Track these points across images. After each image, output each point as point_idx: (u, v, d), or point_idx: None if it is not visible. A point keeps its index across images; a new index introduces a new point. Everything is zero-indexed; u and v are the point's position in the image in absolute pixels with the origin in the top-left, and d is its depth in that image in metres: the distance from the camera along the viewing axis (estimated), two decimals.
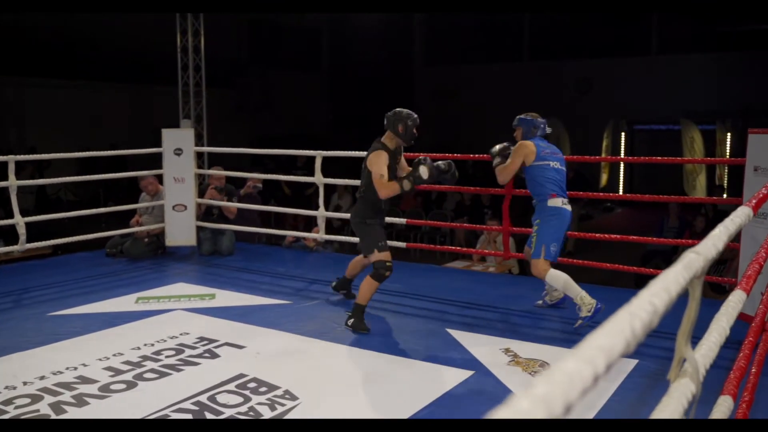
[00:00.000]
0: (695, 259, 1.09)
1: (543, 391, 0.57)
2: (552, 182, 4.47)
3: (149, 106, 15.92)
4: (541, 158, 4.50)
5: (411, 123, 4.50)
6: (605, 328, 0.73)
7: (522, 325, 4.60)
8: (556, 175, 4.50)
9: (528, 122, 4.63)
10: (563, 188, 4.50)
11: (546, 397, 0.56)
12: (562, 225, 4.46)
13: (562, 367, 0.62)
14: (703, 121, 14.77)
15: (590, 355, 0.65)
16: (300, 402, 3.33)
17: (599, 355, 0.65)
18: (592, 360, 0.64)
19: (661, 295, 0.85)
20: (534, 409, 0.54)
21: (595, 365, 0.64)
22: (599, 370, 0.64)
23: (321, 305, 5.14)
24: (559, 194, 4.45)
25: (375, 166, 4.45)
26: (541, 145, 4.55)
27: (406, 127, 4.49)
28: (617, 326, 0.72)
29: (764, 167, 4.15)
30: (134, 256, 6.67)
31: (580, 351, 0.67)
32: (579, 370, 0.62)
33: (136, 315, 4.83)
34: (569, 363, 0.63)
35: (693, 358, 1.15)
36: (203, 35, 10.23)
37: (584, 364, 0.63)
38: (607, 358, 0.66)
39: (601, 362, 0.65)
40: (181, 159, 6.78)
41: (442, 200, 12.54)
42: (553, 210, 4.45)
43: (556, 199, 4.44)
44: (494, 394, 3.46)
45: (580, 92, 16.36)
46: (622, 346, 0.70)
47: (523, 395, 0.57)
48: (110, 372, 3.74)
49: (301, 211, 7.47)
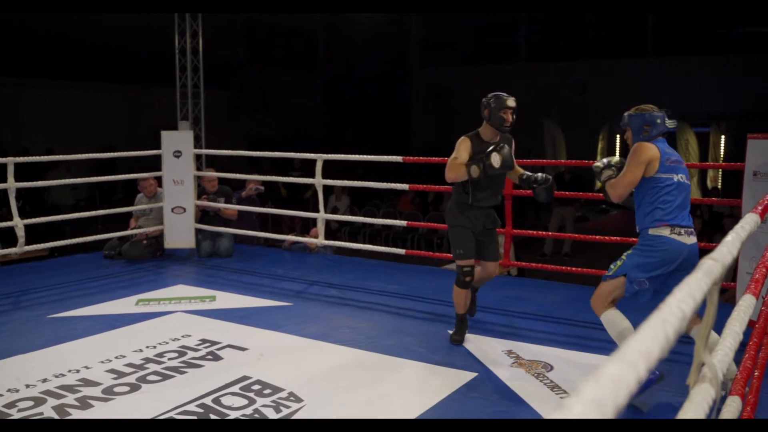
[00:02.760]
0: (714, 266, 1.11)
1: (593, 395, 0.59)
2: (665, 206, 3.28)
3: (146, 107, 15.90)
4: (666, 169, 3.31)
5: (495, 105, 4.02)
6: (642, 333, 0.74)
7: (523, 327, 4.62)
8: (676, 195, 3.31)
9: (639, 118, 3.41)
10: (681, 212, 3.31)
11: (598, 401, 0.58)
12: (662, 259, 3.28)
13: (607, 372, 0.64)
14: (698, 124, 14.84)
15: (632, 359, 0.67)
16: (305, 404, 3.34)
17: (640, 360, 0.67)
18: (635, 364, 0.66)
19: (688, 300, 0.87)
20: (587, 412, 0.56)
21: (637, 369, 0.65)
22: (641, 373, 0.66)
23: (323, 307, 5.15)
24: (669, 222, 3.27)
25: (454, 152, 4.05)
26: (667, 152, 3.36)
27: (491, 110, 4.03)
28: (652, 332, 0.74)
29: (763, 172, 4.19)
30: (133, 258, 6.66)
31: (622, 356, 0.68)
32: (623, 374, 0.64)
33: (137, 317, 4.83)
34: (613, 367, 0.65)
35: (712, 363, 1.17)
36: (201, 36, 10.24)
37: (627, 368, 0.65)
38: (647, 362, 0.68)
39: (642, 366, 0.67)
40: (181, 161, 6.78)
41: (439, 201, 12.57)
42: (652, 239, 3.30)
43: (662, 228, 3.28)
44: (499, 395, 3.48)
45: (576, 94, 16.41)
46: (659, 350, 0.71)
47: (575, 400, 0.58)
48: (113, 374, 3.74)
49: (300, 213, 7.48)
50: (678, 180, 3.31)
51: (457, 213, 4.13)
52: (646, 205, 3.33)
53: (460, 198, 4.11)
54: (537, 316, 4.84)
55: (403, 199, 12.45)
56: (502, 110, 4.00)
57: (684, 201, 3.33)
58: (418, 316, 4.94)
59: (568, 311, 4.84)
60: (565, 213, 11.25)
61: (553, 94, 16.28)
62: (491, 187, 4.11)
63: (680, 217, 3.29)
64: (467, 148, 4.04)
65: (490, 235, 4.24)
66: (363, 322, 4.75)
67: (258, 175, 8.88)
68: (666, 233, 3.27)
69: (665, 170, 3.30)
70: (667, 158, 3.32)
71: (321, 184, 6.15)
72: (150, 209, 6.88)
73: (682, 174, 3.35)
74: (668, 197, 3.28)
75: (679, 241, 3.27)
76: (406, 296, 5.41)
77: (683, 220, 3.30)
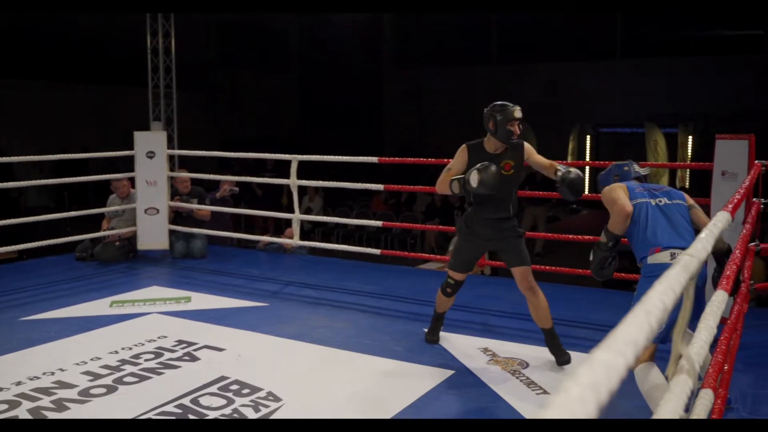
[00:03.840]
0: (690, 261, 1.15)
1: (588, 380, 0.62)
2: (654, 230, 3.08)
3: (117, 107, 15.72)
4: (637, 195, 3.20)
5: (502, 118, 3.74)
6: (627, 324, 0.78)
7: (498, 324, 4.67)
8: (660, 217, 3.12)
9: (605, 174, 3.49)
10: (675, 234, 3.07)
11: (592, 385, 0.61)
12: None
13: (599, 359, 0.67)
14: (666, 125, 15.09)
15: (620, 348, 0.70)
16: (284, 403, 3.35)
17: (628, 348, 0.71)
18: (623, 352, 0.69)
19: (668, 293, 0.91)
20: (585, 395, 0.59)
21: (626, 356, 0.69)
22: (629, 361, 0.69)
23: (300, 307, 5.16)
24: (664, 245, 3.03)
25: (451, 162, 3.93)
26: (634, 185, 3.28)
27: (496, 123, 3.76)
28: (637, 322, 0.77)
29: (731, 172, 4.30)
30: (105, 259, 6.59)
31: (611, 344, 0.72)
32: (614, 361, 0.67)
33: (112, 319, 4.79)
34: (604, 355, 0.68)
35: (689, 355, 1.21)
36: (173, 36, 10.16)
37: (617, 355, 0.68)
38: (634, 351, 0.71)
39: (630, 354, 0.70)
40: (154, 162, 6.74)
41: (412, 202, 12.63)
42: (654, 268, 3.02)
43: (660, 254, 3.03)
44: (476, 392, 3.52)
45: (547, 95, 16.59)
46: (645, 339, 0.75)
47: (572, 383, 0.62)
48: (89, 376, 3.71)
49: (275, 213, 7.48)
50: (657, 203, 3.15)
51: (463, 224, 3.98)
52: (635, 236, 3.16)
53: (468, 210, 3.95)
54: (512, 314, 4.89)
55: (376, 199, 12.49)
56: (509, 123, 3.75)
57: (675, 222, 3.11)
58: (394, 315, 4.97)
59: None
60: (537, 213, 11.38)
61: (524, 96, 16.42)
62: (493, 202, 3.83)
63: (677, 239, 3.05)
64: (463, 160, 3.86)
65: (508, 243, 3.88)
66: (340, 321, 4.77)
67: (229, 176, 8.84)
68: (666, 260, 3.01)
69: (636, 196, 3.18)
70: (635, 187, 3.24)
71: (296, 184, 6.15)
72: (123, 210, 6.82)
73: (662, 197, 3.19)
74: (653, 220, 3.10)
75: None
76: (382, 296, 5.44)
77: (682, 241, 3.03)
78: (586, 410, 0.57)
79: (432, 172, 14.89)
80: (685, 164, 14.30)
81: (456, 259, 4.03)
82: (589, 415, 0.57)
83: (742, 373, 3.65)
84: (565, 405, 0.57)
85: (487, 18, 17.59)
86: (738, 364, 3.43)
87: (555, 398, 0.59)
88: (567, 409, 0.56)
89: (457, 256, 4.03)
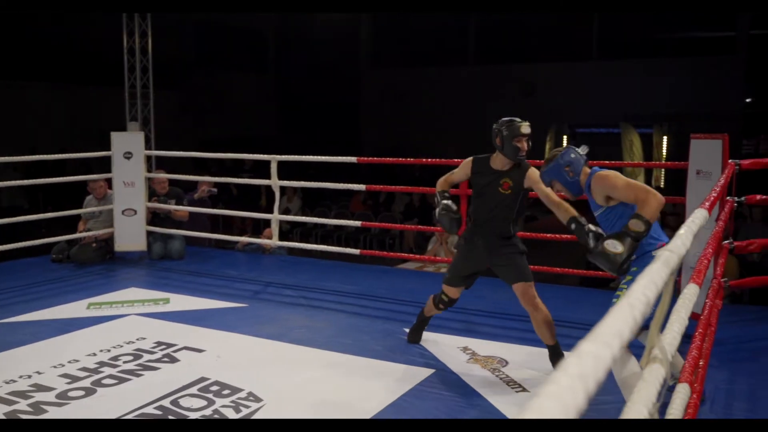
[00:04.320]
0: (671, 257, 1.18)
1: (577, 370, 0.63)
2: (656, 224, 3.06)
3: (93, 108, 15.53)
4: None
5: (508, 134, 3.63)
6: (613, 317, 0.80)
7: (478, 323, 4.70)
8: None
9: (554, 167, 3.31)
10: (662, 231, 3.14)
11: (581, 375, 0.62)
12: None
13: (586, 350, 0.69)
14: (641, 125, 15.28)
15: (606, 340, 0.72)
16: (264, 403, 3.34)
17: (614, 340, 0.72)
18: (609, 344, 0.71)
19: (651, 287, 0.93)
20: (573, 385, 0.60)
21: (612, 348, 0.70)
22: (615, 352, 0.71)
23: (279, 307, 5.15)
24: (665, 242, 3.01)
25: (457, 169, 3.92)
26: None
27: (503, 139, 3.65)
28: (622, 315, 0.79)
29: (706, 171, 4.36)
30: (82, 261, 6.53)
31: (597, 336, 0.73)
32: (600, 353, 0.68)
33: (89, 321, 4.74)
34: (591, 346, 0.70)
35: (663, 346, 1.24)
36: (150, 36, 10.07)
37: (603, 347, 0.70)
38: (620, 342, 0.73)
39: (616, 345, 0.72)
40: (131, 163, 6.68)
41: (391, 202, 12.64)
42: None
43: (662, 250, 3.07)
44: (456, 390, 3.54)
45: (524, 95, 16.71)
46: (629, 331, 0.77)
47: (560, 373, 0.63)
48: (67, 379, 3.67)
49: (253, 214, 7.45)
50: None
51: (462, 240, 3.92)
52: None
53: (472, 217, 3.86)
54: (491, 314, 4.93)
55: (354, 200, 12.48)
56: (516, 138, 3.63)
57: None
58: (373, 315, 4.98)
59: (520, 308, 4.91)
60: None
61: (501, 96, 16.53)
62: (493, 221, 3.76)
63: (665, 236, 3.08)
64: (466, 172, 3.83)
65: (508, 260, 3.78)
66: (319, 321, 4.77)
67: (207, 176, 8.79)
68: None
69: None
70: None
71: (276, 185, 6.13)
72: (100, 211, 6.76)
73: None
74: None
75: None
76: (361, 296, 5.44)
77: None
78: (576, 400, 0.59)
79: (409, 173, 14.92)
80: (661, 164, 14.50)
81: (452, 274, 3.92)
82: (579, 404, 0.58)
83: (717, 369, 3.72)
84: (556, 394, 0.58)
85: (464, 19, 17.67)
86: (713, 360, 3.48)
87: (546, 388, 0.60)
88: (557, 399, 0.57)
89: (454, 271, 3.92)
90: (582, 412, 0.59)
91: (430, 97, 17.42)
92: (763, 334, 4.59)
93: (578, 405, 0.59)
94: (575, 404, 0.58)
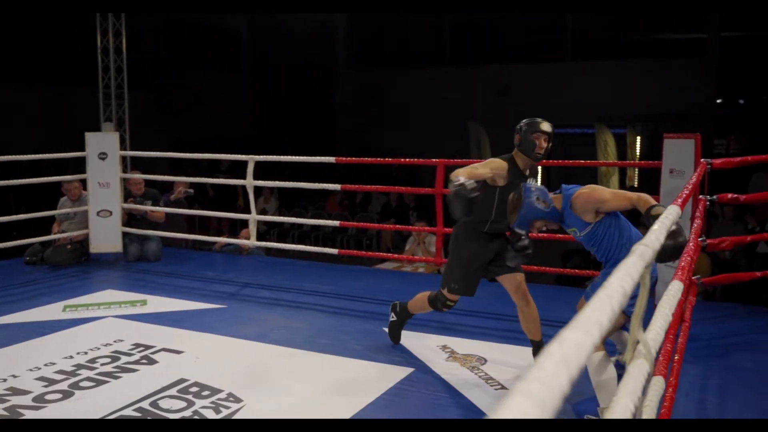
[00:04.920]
0: (646, 251, 1.21)
1: (560, 356, 0.66)
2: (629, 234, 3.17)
3: (68, 108, 15.33)
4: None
5: (527, 129, 3.53)
6: (591, 307, 0.82)
7: (456, 322, 4.73)
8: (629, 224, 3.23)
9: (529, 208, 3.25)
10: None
11: (564, 360, 0.65)
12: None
13: (569, 337, 0.71)
14: (615, 125, 15.44)
15: (587, 328, 0.74)
16: (245, 404, 3.34)
17: (594, 328, 0.75)
18: (590, 331, 0.73)
19: (627, 279, 0.96)
20: (557, 370, 0.63)
21: (593, 336, 0.73)
22: (596, 340, 0.74)
23: (258, 308, 5.14)
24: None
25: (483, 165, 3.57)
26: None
27: (522, 135, 3.55)
28: (601, 306, 0.82)
29: (679, 170, 4.44)
30: (56, 263, 6.46)
31: (578, 325, 0.76)
32: (582, 340, 0.71)
33: (65, 323, 4.70)
34: (572, 334, 0.72)
35: (646, 340, 1.27)
36: (125, 36, 9.98)
37: (585, 335, 0.72)
38: (600, 331, 0.75)
39: (596, 334, 0.74)
40: (106, 163, 6.62)
41: (368, 203, 12.66)
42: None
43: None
44: (436, 388, 3.57)
45: (499, 96, 16.81)
46: (608, 321, 0.79)
47: (544, 359, 0.65)
48: (43, 382, 3.63)
49: (230, 215, 7.42)
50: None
51: (467, 240, 3.68)
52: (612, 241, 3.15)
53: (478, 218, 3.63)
54: (469, 312, 4.96)
55: (331, 200, 12.48)
56: (535, 134, 3.52)
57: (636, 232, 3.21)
58: (352, 314, 5.00)
59: (498, 306, 4.98)
60: None
61: (477, 96, 16.62)
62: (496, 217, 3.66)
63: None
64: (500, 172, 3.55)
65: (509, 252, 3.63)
66: (298, 321, 4.77)
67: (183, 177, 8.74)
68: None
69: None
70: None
71: (252, 185, 6.12)
72: (74, 213, 6.69)
73: None
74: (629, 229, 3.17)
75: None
76: (340, 296, 5.45)
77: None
78: (560, 384, 0.61)
79: (386, 174, 14.95)
80: (635, 163, 14.68)
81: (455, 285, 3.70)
82: (563, 388, 0.61)
83: (691, 364, 3.79)
84: (541, 378, 0.61)
85: (440, 20, 17.74)
86: (687, 356, 3.55)
87: (531, 372, 0.62)
88: (543, 382, 0.59)
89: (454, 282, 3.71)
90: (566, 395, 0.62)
91: (405, 98, 17.45)
92: (734, 331, 4.68)
93: (563, 389, 0.61)
94: (560, 388, 0.61)
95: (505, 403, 0.56)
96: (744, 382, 3.73)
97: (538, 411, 0.55)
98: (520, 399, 0.56)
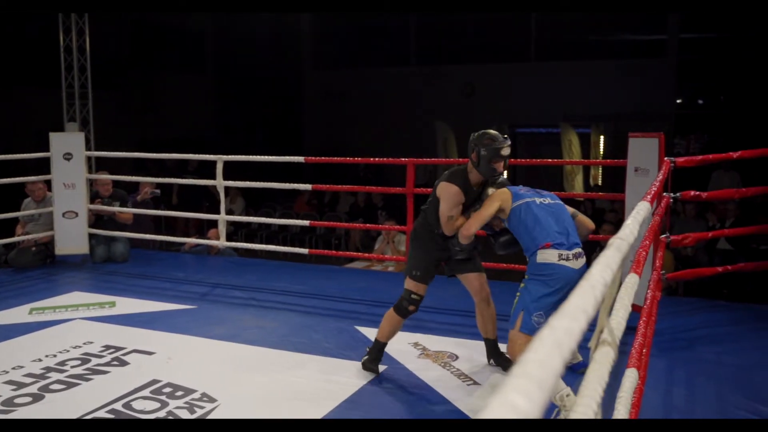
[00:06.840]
0: (621, 244, 1.26)
1: (552, 339, 0.69)
2: (541, 228, 3.27)
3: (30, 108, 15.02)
4: (520, 196, 3.41)
5: (486, 154, 3.40)
6: (576, 296, 0.86)
7: (427, 320, 4.77)
8: (546, 215, 3.32)
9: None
10: (561, 235, 3.26)
11: (556, 342, 0.68)
12: (555, 289, 3.20)
13: (557, 324, 0.75)
14: (580, 125, 15.68)
15: (575, 314, 0.78)
16: (219, 404, 3.34)
17: (581, 315, 0.79)
18: (577, 318, 0.77)
19: (607, 271, 1.01)
20: (552, 352, 0.66)
21: (580, 322, 0.77)
22: (583, 327, 0.77)
23: (229, 308, 5.12)
24: (555, 243, 3.22)
25: (444, 202, 3.53)
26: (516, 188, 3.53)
27: (480, 158, 3.43)
28: (586, 294, 0.86)
29: (643, 168, 4.54)
30: (21, 266, 6.36)
31: (565, 313, 0.79)
32: (570, 325, 0.75)
33: (32, 326, 4.63)
34: (563, 321, 0.76)
35: (611, 328, 1.32)
36: (88, 34, 9.84)
37: (572, 321, 0.76)
38: (586, 318, 0.79)
39: (583, 320, 0.78)
40: (71, 164, 6.53)
41: (335, 203, 12.66)
42: (542, 268, 3.23)
43: (548, 251, 3.22)
44: (409, 386, 3.61)
45: (465, 96, 16.95)
46: (592, 308, 0.84)
47: (538, 342, 0.69)
48: (12, 386, 3.58)
49: (198, 215, 7.37)
50: (541, 202, 3.36)
51: (428, 239, 3.69)
52: (523, 232, 3.33)
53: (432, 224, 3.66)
54: (439, 310, 5.01)
55: (299, 200, 12.45)
56: (494, 160, 3.42)
57: (561, 218, 3.32)
58: (324, 313, 5.01)
59: (467, 304, 5.00)
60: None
61: (443, 97, 16.73)
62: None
63: (562, 239, 3.24)
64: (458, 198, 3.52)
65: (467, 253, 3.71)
66: (270, 321, 4.77)
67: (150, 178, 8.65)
68: (554, 260, 3.20)
69: (520, 197, 3.39)
70: (518, 189, 3.47)
71: (222, 185, 6.08)
72: (39, 214, 6.58)
73: (546, 198, 3.43)
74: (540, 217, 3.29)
75: (567, 266, 3.21)
76: (311, 295, 5.46)
77: (567, 242, 3.24)
78: (554, 366, 0.65)
79: (353, 174, 14.96)
80: (600, 161, 14.94)
81: (416, 272, 3.68)
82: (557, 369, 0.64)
83: (657, 357, 3.89)
84: (537, 360, 0.64)
85: (405, 20, 17.81)
86: (653, 349, 3.65)
87: (527, 355, 0.66)
88: (539, 364, 0.63)
89: (416, 269, 3.69)
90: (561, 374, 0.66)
91: (371, 98, 17.49)
92: (697, 324, 4.81)
93: (557, 369, 0.65)
94: (555, 368, 0.64)
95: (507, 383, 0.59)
96: (707, 373, 3.84)
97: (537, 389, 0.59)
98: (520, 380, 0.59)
